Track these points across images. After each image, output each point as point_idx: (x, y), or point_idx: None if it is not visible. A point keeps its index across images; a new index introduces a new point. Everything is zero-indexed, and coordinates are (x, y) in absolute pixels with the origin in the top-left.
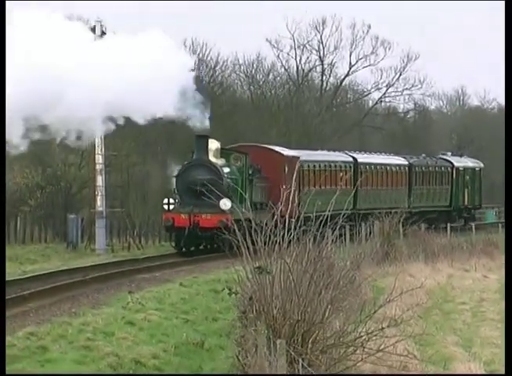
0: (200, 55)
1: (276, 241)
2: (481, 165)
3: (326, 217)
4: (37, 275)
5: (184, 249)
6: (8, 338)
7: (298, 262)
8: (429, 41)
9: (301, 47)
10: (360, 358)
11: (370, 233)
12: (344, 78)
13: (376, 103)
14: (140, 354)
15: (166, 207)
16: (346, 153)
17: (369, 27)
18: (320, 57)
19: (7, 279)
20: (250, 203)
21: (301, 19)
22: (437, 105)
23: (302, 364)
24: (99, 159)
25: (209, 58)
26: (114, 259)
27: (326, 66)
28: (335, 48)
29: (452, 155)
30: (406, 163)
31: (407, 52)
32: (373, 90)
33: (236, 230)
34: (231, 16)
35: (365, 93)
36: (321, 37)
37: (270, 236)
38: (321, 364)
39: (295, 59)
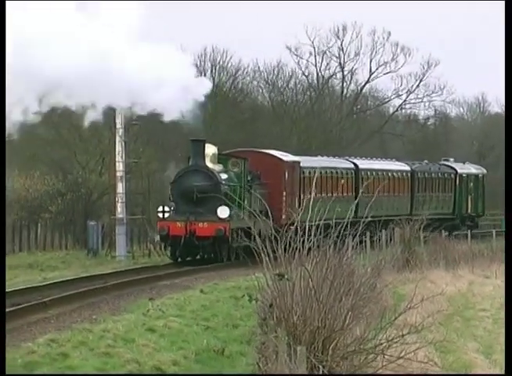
0: (221, 62)
1: (296, 248)
2: (485, 172)
3: (324, 225)
4: (57, 282)
5: (180, 259)
6: (28, 345)
7: (318, 268)
8: (449, 47)
9: (321, 54)
10: (381, 365)
11: (391, 239)
12: (364, 85)
13: (397, 109)
14: (161, 361)
15: (160, 215)
16: (347, 160)
17: (389, 33)
18: (340, 64)
19: (28, 286)
20: (249, 210)
21: (321, 25)
22: (457, 112)
23: (323, 371)
24: (120, 166)
25: (230, 65)
26: (135, 266)
27: (346, 72)
28: (355, 55)
29: (455, 161)
30: (408, 169)
31: (427, 58)
32: (393, 97)
33: (257, 237)
34: (252, 23)
35: (386, 100)
36: (341, 43)
37: (290, 242)
38: (341, 371)
39: (315, 66)
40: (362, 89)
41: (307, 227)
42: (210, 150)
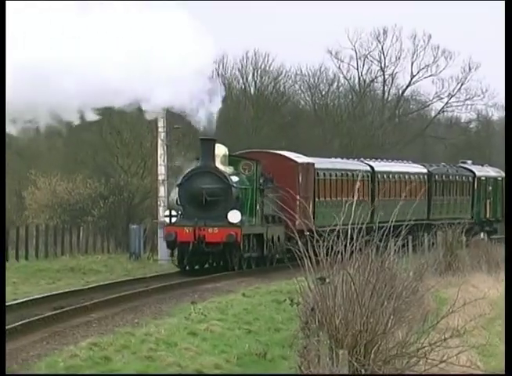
0: (262, 65)
1: (338, 252)
2: (503, 175)
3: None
4: (100, 285)
5: (187, 267)
6: (71, 348)
7: (361, 272)
8: (491, 50)
9: (363, 58)
10: (423, 369)
11: (433, 243)
12: (405, 89)
13: (438, 113)
14: (203, 364)
15: (167, 219)
16: (362, 162)
17: (430, 36)
18: (381, 67)
19: (70, 289)
20: (261, 215)
21: (363, 29)
22: (500, 115)
23: (365, 375)
24: (162, 170)
25: (272, 68)
26: (176, 269)
27: (387, 76)
28: (396, 59)
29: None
30: (426, 171)
31: (468, 61)
32: (434, 100)
33: (299, 241)
34: (294, 27)
35: (427, 103)
36: (382, 47)
37: (332, 246)
38: (383, 375)
39: (357, 69)
40: (403, 93)
41: (349, 231)
42: (221, 150)
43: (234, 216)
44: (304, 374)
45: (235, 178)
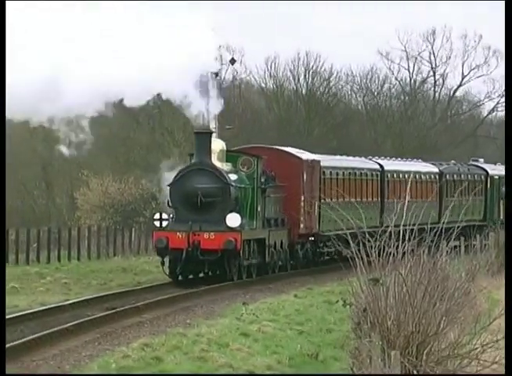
0: (314, 66)
1: (390, 253)
2: None
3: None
4: (151, 286)
5: (180, 277)
6: (122, 349)
7: (412, 273)
8: None
9: (413, 58)
10: (475, 370)
11: (485, 245)
12: (456, 89)
13: (490, 113)
14: (254, 365)
15: (157, 223)
16: (371, 159)
17: (481, 37)
18: (432, 68)
19: (122, 290)
20: (263, 218)
21: (413, 30)
22: None
23: (417, 375)
24: None
25: (323, 69)
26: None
27: (438, 77)
28: (447, 59)
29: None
30: (437, 170)
31: None
32: (486, 100)
33: (351, 242)
34: (345, 27)
35: (479, 103)
36: (432, 48)
37: (384, 247)
38: (435, 375)
39: (407, 70)
40: (454, 93)
41: (401, 232)
42: (218, 145)
43: (233, 219)
44: (356, 374)
45: (233, 177)
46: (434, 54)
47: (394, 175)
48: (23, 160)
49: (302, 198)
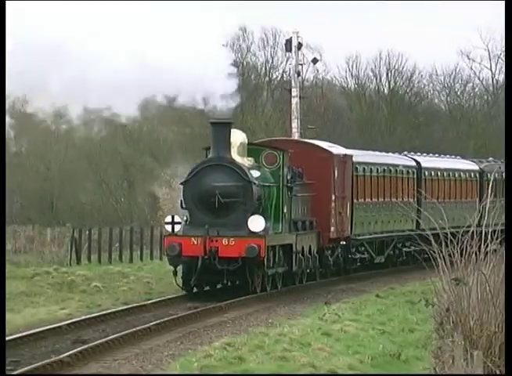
0: (396, 66)
1: (473, 252)
2: None
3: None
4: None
5: (196, 289)
6: (205, 348)
7: (495, 273)
8: None
9: (496, 58)
10: None
11: None
12: None
13: None
14: (336, 365)
15: (169, 228)
16: (406, 155)
17: None
18: None
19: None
20: (289, 221)
21: (495, 29)
22: None
23: (500, 375)
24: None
25: (405, 68)
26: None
27: None
28: None
29: None
30: (477, 168)
31: None
32: None
33: (432, 241)
34: (427, 27)
35: None
36: None
37: (466, 247)
38: None
39: (490, 69)
40: None
41: (483, 232)
42: (238, 137)
43: (256, 223)
44: (438, 374)
45: (256, 174)
46: None
47: (432, 173)
48: (106, 160)
49: (333, 198)
